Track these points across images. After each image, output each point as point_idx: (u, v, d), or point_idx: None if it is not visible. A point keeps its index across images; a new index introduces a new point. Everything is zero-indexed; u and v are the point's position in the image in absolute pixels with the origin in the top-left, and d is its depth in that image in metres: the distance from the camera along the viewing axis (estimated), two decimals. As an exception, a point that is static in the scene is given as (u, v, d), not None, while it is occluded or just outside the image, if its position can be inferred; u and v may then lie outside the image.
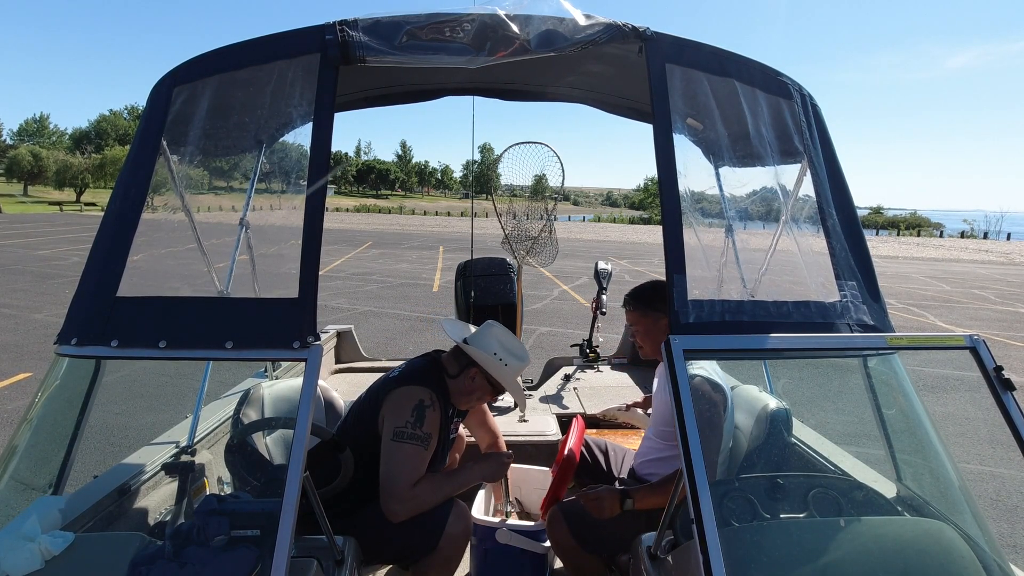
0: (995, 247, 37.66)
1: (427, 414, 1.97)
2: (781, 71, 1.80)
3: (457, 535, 1.97)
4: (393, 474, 1.92)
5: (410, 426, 1.94)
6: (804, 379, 4.71)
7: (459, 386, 2.12)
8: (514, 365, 2.12)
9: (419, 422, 1.95)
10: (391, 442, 1.94)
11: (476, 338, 2.14)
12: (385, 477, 1.93)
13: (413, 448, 1.93)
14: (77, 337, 1.46)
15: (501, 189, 3.80)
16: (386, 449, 1.95)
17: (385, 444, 1.95)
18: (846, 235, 1.73)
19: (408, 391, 2.00)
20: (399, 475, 1.91)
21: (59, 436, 1.79)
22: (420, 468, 1.96)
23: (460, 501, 2.06)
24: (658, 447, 2.23)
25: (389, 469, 1.93)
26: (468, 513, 2.05)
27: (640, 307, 2.19)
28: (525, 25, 1.57)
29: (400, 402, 1.98)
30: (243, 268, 2.64)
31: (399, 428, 1.94)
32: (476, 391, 2.13)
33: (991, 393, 1.51)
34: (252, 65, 1.63)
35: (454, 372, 2.12)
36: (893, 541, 1.41)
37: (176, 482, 2.03)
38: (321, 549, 1.53)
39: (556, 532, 2.07)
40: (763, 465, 2.00)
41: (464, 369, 2.11)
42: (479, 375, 2.11)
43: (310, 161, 1.52)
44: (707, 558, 1.18)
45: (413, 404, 1.97)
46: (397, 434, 1.94)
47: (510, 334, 2.19)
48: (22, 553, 1.29)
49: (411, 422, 1.94)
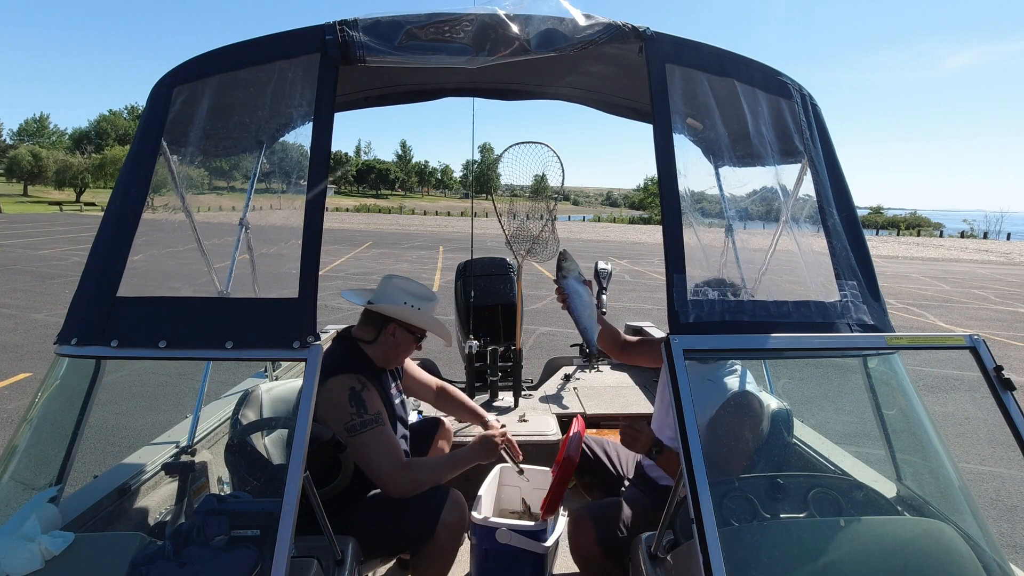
0: (995, 247, 37.66)
1: (364, 397, 1.99)
2: (781, 71, 1.80)
3: (453, 523, 1.98)
4: (373, 464, 1.96)
5: (356, 416, 1.96)
6: (804, 379, 4.69)
7: (382, 348, 2.16)
8: (427, 307, 2.19)
9: (362, 408, 1.97)
10: (349, 439, 1.95)
11: (381, 296, 2.19)
12: (369, 471, 1.97)
13: (372, 433, 1.96)
14: (77, 337, 1.46)
15: (501, 189, 3.80)
16: (351, 447, 1.96)
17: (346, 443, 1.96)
18: (846, 235, 1.73)
19: (333, 385, 1.99)
20: (379, 461, 1.96)
21: (59, 436, 1.79)
22: (391, 443, 2.00)
23: (455, 490, 2.08)
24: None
25: (366, 462, 1.96)
26: (463, 502, 2.06)
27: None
28: (525, 25, 1.57)
29: (332, 399, 1.97)
30: (243, 268, 2.65)
31: (348, 424, 1.95)
32: (400, 344, 2.18)
33: (991, 393, 1.51)
34: (252, 65, 1.63)
35: (371, 337, 2.15)
36: (893, 541, 1.41)
37: (176, 482, 2.04)
38: (321, 549, 1.53)
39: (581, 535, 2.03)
40: (763, 465, 2.00)
41: (381, 329, 2.15)
42: (398, 328, 2.16)
43: (310, 161, 1.52)
44: (707, 558, 1.18)
45: (345, 396, 1.98)
46: (350, 429, 1.95)
47: (410, 280, 2.25)
48: (22, 553, 1.29)
49: (354, 412, 1.96)
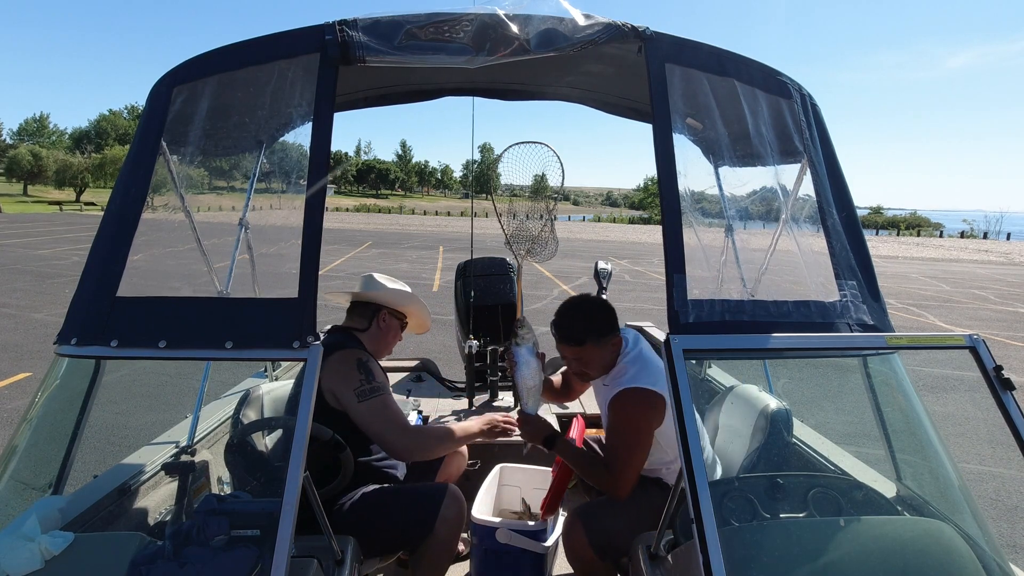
0: (995, 247, 37.67)
1: (371, 366, 2.07)
2: (781, 71, 1.80)
3: (452, 518, 1.99)
4: (382, 428, 2.01)
5: (364, 383, 2.02)
6: (804, 379, 4.70)
7: (374, 334, 2.28)
8: (409, 292, 2.35)
9: (369, 375, 2.04)
10: (359, 405, 1.99)
11: (368, 287, 2.34)
12: (378, 435, 2.02)
13: (380, 399, 2.02)
14: (77, 337, 1.46)
15: (501, 189, 3.80)
16: (360, 413, 2.00)
17: (356, 410, 2.00)
18: (846, 235, 1.73)
19: (340, 356, 2.06)
20: (388, 424, 2.01)
21: (59, 436, 1.79)
22: (398, 410, 2.06)
23: (454, 485, 2.09)
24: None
25: (376, 426, 2.00)
26: (462, 497, 2.07)
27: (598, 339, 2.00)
28: (525, 25, 1.57)
29: (340, 369, 2.03)
30: (243, 268, 2.65)
31: (358, 389, 2.00)
32: (390, 330, 2.33)
33: (991, 393, 1.51)
34: (252, 65, 1.63)
35: (364, 325, 2.27)
36: (893, 541, 1.41)
37: (176, 482, 2.04)
38: (321, 549, 1.53)
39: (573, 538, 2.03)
40: (763, 465, 2.01)
41: (373, 317, 2.29)
42: (387, 314, 2.31)
43: (310, 161, 1.52)
44: (707, 558, 1.18)
45: (354, 364, 2.04)
46: (360, 395, 2.00)
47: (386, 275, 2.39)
48: (22, 553, 1.29)
49: (363, 379, 2.02)
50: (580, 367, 2.06)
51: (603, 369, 2.07)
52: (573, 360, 2.05)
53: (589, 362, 2.03)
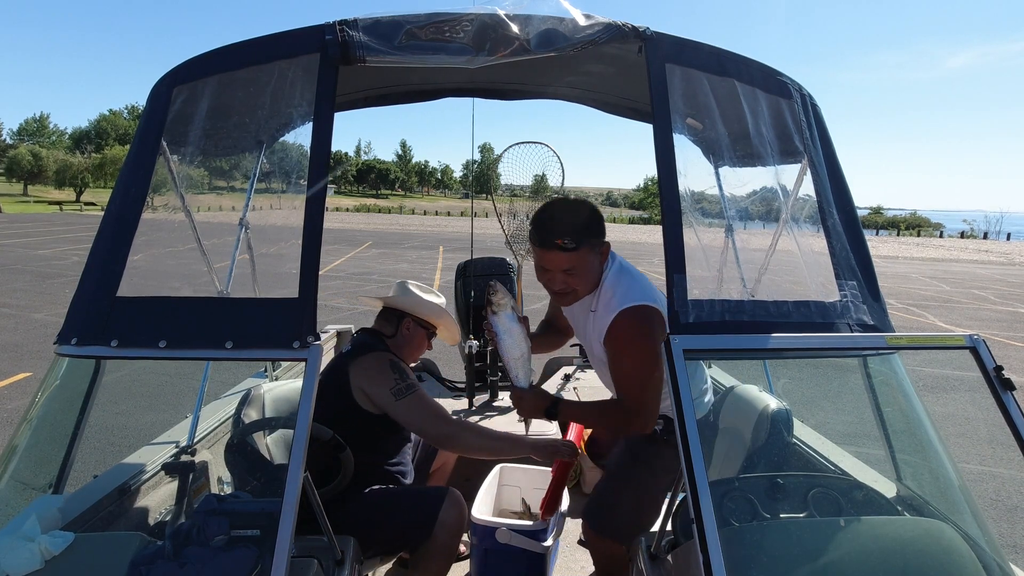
0: (995, 247, 37.67)
1: (403, 367, 2.11)
2: (781, 71, 1.80)
3: (451, 522, 1.98)
4: (423, 421, 2.02)
5: (398, 381, 2.04)
6: (804, 379, 4.70)
7: (400, 342, 2.29)
8: (438, 301, 2.35)
9: (402, 375, 2.06)
10: (398, 403, 2.02)
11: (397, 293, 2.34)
12: (421, 428, 2.04)
13: (417, 396, 2.04)
14: (77, 337, 1.46)
15: (501, 189, 3.80)
16: (400, 412, 2.02)
17: (395, 410, 2.02)
18: (846, 235, 1.73)
19: (371, 358, 2.10)
20: (428, 417, 2.02)
21: (59, 436, 1.79)
22: (434, 402, 2.08)
23: (454, 489, 2.09)
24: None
25: (417, 421, 2.03)
26: (462, 501, 2.07)
27: (593, 242, 1.75)
28: (525, 25, 1.57)
29: (374, 369, 2.06)
30: (243, 268, 2.65)
31: (394, 388, 2.03)
32: (415, 338, 2.33)
33: (991, 393, 1.51)
34: (252, 65, 1.63)
35: (391, 332, 2.29)
36: (893, 541, 1.41)
37: (176, 482, 2.04)
38: (321, 549, 1.53)
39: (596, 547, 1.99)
40: (763, 465, 2.00)
41: (399, 323, 2.30)
42: (412, 323, 2.31)
43: (310, 161, 1.52)
44: (707, 558, 1.18)
45: (387, 364, 2.08)
46: (397, 393, 2.02)
47: (421, 284, 2.39)
48: (22, 553, 1.29)
49: (396, 378, 2.05)
50: (568, 283, 1.77)
51: (590, 285, 1.81)
52: (561, 273, 1.75)
53: (581, 273, 1.76)
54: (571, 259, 1.72)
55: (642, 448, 1.99)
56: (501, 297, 1.84)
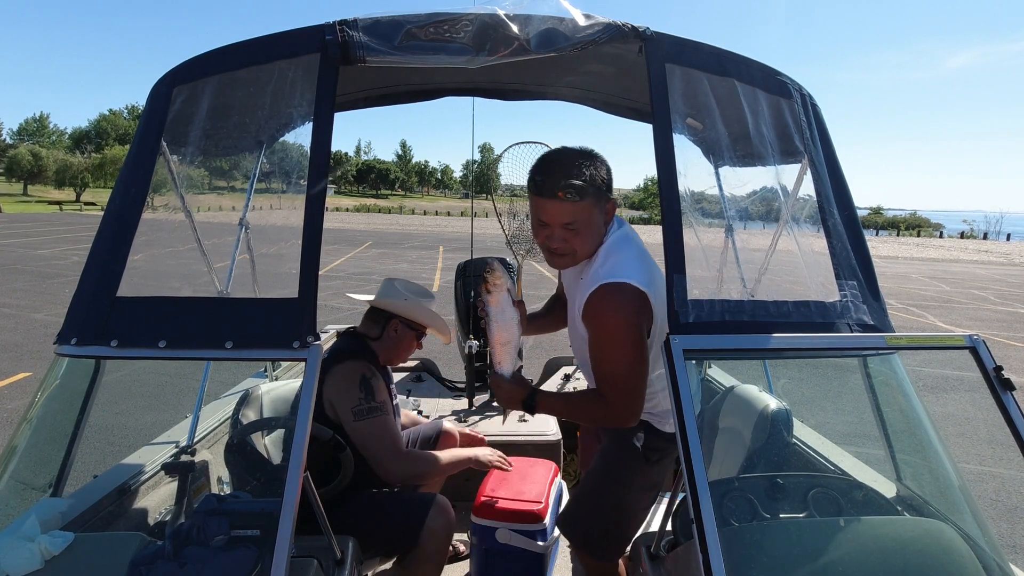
0: (995, 247, 37.67)
1: (373, 384, 2.05)
2: (781, 71, 1.80)
3: (438, 530, 1.97)
4: (375, 449, 1.99)
5: (363, 402, 2.01)
6: (804, 379, 4.70)
7: (386, 343, 2.23)
8: (426, 301, 2.29)
9: (370, 395, 2.02)
10: (355, 424, 1.99)
11: (382, 294, 2.27)
12: (370, 456, 2.00)
13: (379, 420, 2.01)
14: (77, 337, 1.46)
15: (501, 189, 3.80)
16: (355, 433, 2.00)
17: (351, 429, 2.00)
18: (846, 235, 1.73)
19: (345, 369, 2.05)
20: (381, 447, 2.00)
21: (59, 436, 1.79)
22: (394, 432, 2.05)
23: (442, 496, 2.08)
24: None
25: (369, 447, 2.00)
26: (450, 509, 2.06)
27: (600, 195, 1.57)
28: (525, 25, 1.57)
29: (342, 384, 2.02)
30: (243, 268, 2.65)
31: (356, 408, 1.99)
32: (403, 340, 2.25)
33: (991, 393, 1.51)
34: (252, 65, 1.63)
35: (376, 334, 2.22)
36: (893, 541, 1.41)
37: (176, 482, 2.04)
38: (321, 549, 1.53)
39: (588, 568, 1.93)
40: (763, 465, 2.00)
41: (385, 326, 2.23)
42: (399, 324, 2.23)
43: (310, 161, 1.52)
44: (707, 558, 1.18)
45: (356, 380, 2.03)
46: (357, 414, 1.99)
47: (409, 281, 2.34)
48: (22, 553, 1.29)
49: (362, 398, 2.01)
50: (567, 240, 1.57)
51: (590, 248, 1.62)
52: (561, 228, 1.55)
53: (582, 230, 1.56)
54: (574, 211, 1.52)
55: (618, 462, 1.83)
56: (498, 277, 1.71)
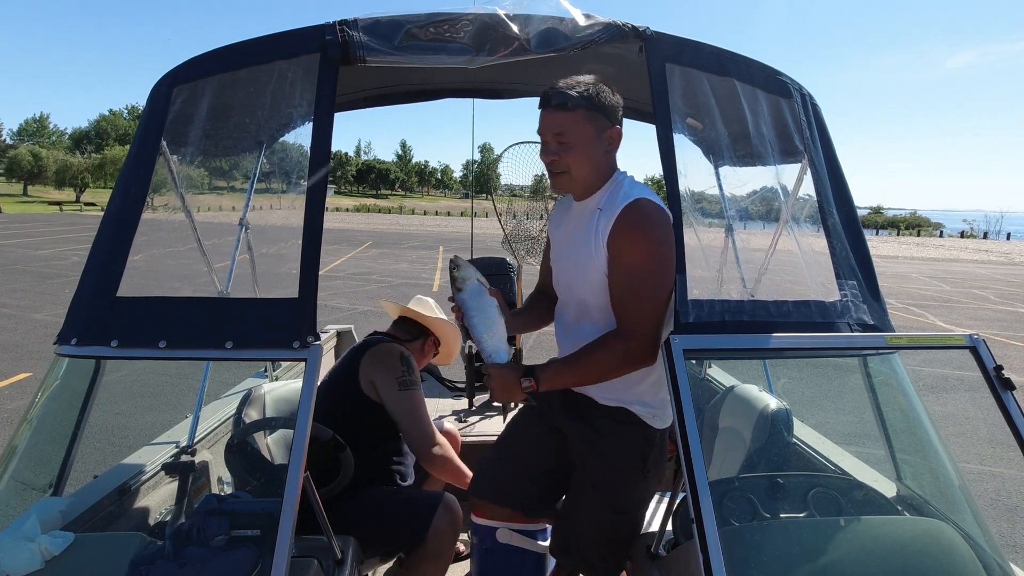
0: (995, 247, 37.68)
1: (412, 362, 2.12)
2: (781, 71, 1.80)
3: (444, 528, 1.97)
4: (419, 422, 2.03)
5: (406, 374, 2.06)
6: (804, 379, 4.71)
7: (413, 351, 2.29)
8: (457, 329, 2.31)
9: (410, 369, 2.08)
10: (401, 392, 2.03)
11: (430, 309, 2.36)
12: (413, 427, 2.03)
13: (420, 395, 2.07)
14: (77, 337, 1.46)
15: (501, 189, 3.80)
16: (399, 401, 2.03)
17: (395, 397, 2.03)
18: (846, 234, 1.73)
19: (385, 347, 2.13)
20: (423, 420, 2.04)
21: (59, 436, 1.79)
22: (428, 416, 2.10)
23: (449, 494, 2.07)
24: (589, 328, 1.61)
25: (413, 419, 2.03)
26: (457, 507, 2.05)
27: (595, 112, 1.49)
28: (525, 25, 1.57)
29: (385, 358, 2.08)
30: (243, 268, 2.65)
31: (401, 378, 2.04)
32: (427, 356, 2.39)
33: (991, 393, 1.51)
34: (252, 65, 1.63)
35: (407, 337, 2.32)
36: (893, 541, 1.41)
37: (176, 482, 2.04)
38: (321, 549, 1.53)
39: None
40: (763, 465, 2.00)
41: (424, 340, 2.35)
42: (433, 342, 2.38)
43: (310, 161, 1.52)
44: (707, 558, 1.18)
45: (398, 355, 2.10)
46: (403, 384, 2.04)
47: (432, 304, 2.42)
48: (22, 553, 1.29)
49: (404, 370, 2.06)
50: (560, 154, 1.50)
51: (587, 172, 1.53)
52: (554, 141, 1.50)
53: (575, 145, 1.49)
54: (562, 121, 1.47)
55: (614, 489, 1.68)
56: (463, 271, 1.66)
